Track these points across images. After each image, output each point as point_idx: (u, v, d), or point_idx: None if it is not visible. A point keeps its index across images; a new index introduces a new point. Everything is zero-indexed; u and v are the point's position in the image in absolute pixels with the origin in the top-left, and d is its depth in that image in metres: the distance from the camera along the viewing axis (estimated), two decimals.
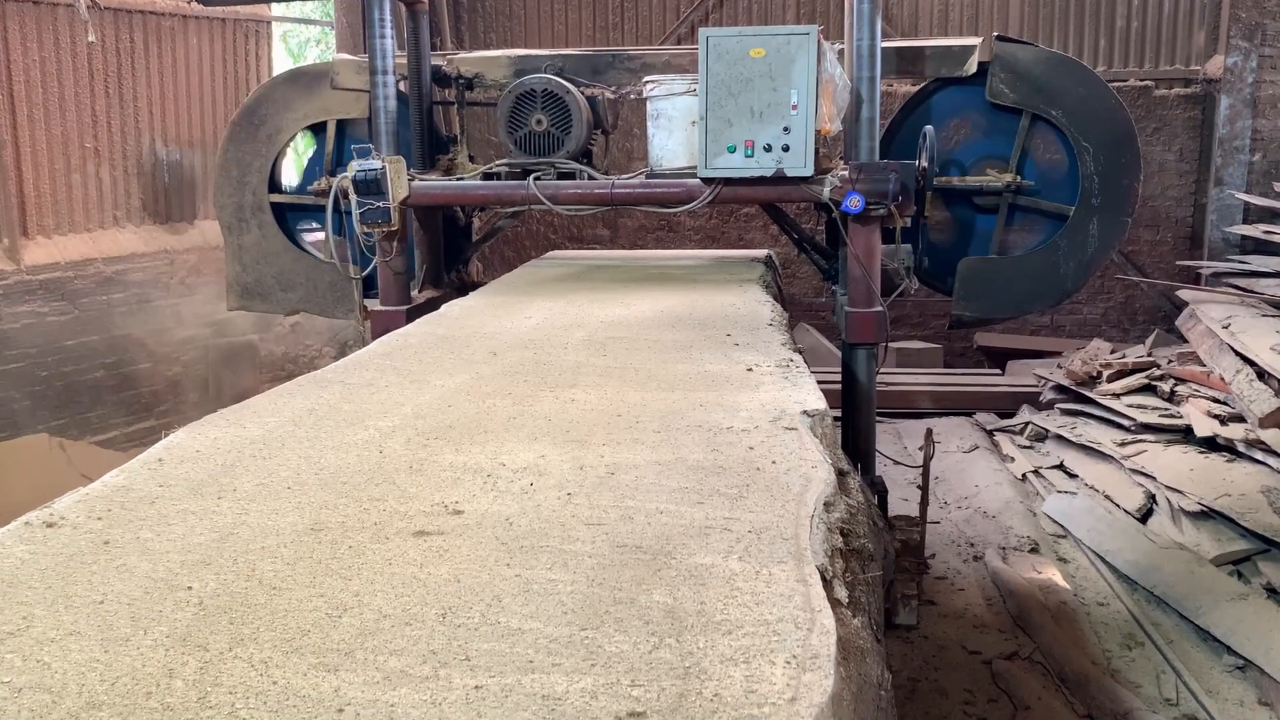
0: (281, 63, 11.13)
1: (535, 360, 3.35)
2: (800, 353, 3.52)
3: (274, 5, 9.16)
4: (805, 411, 2.65)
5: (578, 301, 4.53)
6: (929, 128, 4.93)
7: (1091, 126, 5.11)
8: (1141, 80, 9.40)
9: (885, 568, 2.35)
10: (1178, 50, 9.48)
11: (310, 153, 6.19)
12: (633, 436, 2.50)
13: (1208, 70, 9.27)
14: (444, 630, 1.55)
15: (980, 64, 5.17)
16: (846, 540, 1.98)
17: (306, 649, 1.50)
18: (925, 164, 4.80)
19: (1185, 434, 6.35)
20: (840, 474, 2.28)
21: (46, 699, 1.37)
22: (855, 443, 4.72)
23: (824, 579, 1.72)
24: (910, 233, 4.92)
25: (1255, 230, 8.56)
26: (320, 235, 5.99)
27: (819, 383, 3.08)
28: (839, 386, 4.93)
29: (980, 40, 5.25)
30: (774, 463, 2.27)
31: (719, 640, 1.50)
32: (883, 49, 4.87)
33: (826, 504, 2.04)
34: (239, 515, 2.02)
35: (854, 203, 4.52)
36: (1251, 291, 7.55)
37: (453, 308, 4.45)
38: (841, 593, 1.74)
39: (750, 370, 3.15)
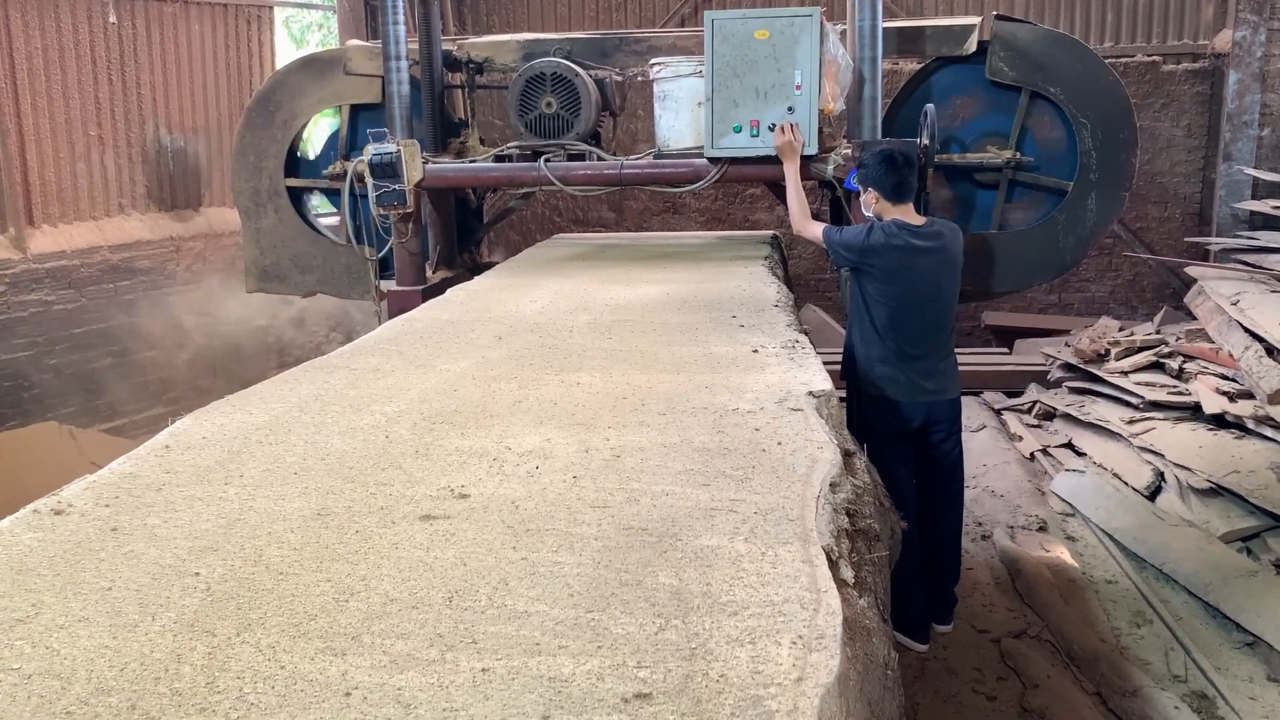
0: (284, 48, 11.10)
1: (541, 344, 3.35)
2: (806, 333, 3.52)
3: None
4: (811, 392, 2.65)
5: (583, 284, 4.53)
6: (930, 106, 4.94)
7: (1089, 102, 5.15)
8: (1149, 55, 9.33)
9: (891, 547, 2.35)
10: (1185, 24, 9.40)
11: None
12: (638, 419, 2.50)
13: (1216, 44, 9.19)
14: (451, 614, 1.55)
15: (980, 43, 5.20)
16: (852, 520, 1.98)
17: (313, 633, 1.50)
18: (926, 141, 4.82)
19: (1194, 411, 6.33)
20: (846, 454, 2.27)
21: (56, 685, 1.38)
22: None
23: (830, 559, 1.72)
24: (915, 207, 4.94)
25: (1264, 206, 8.51)
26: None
27: (825, 363, 3.07)
28: None
29: (980, 19, 5.28)
30: (779, 444, 2.27)
31: (725, 621, 1.50)
32: (884, 29, 4.89)
33: (832, 484, 2.03)
34: (246, 501, 2.02)
35: (856, 180, 4.55)
36: (1260, 268, 7.51)
37: (458, 292, 4.45)
38: (847, 573, 1.74)
39: (756, 352, 3.15)
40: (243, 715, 1.31)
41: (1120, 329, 7.89)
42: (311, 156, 6.22)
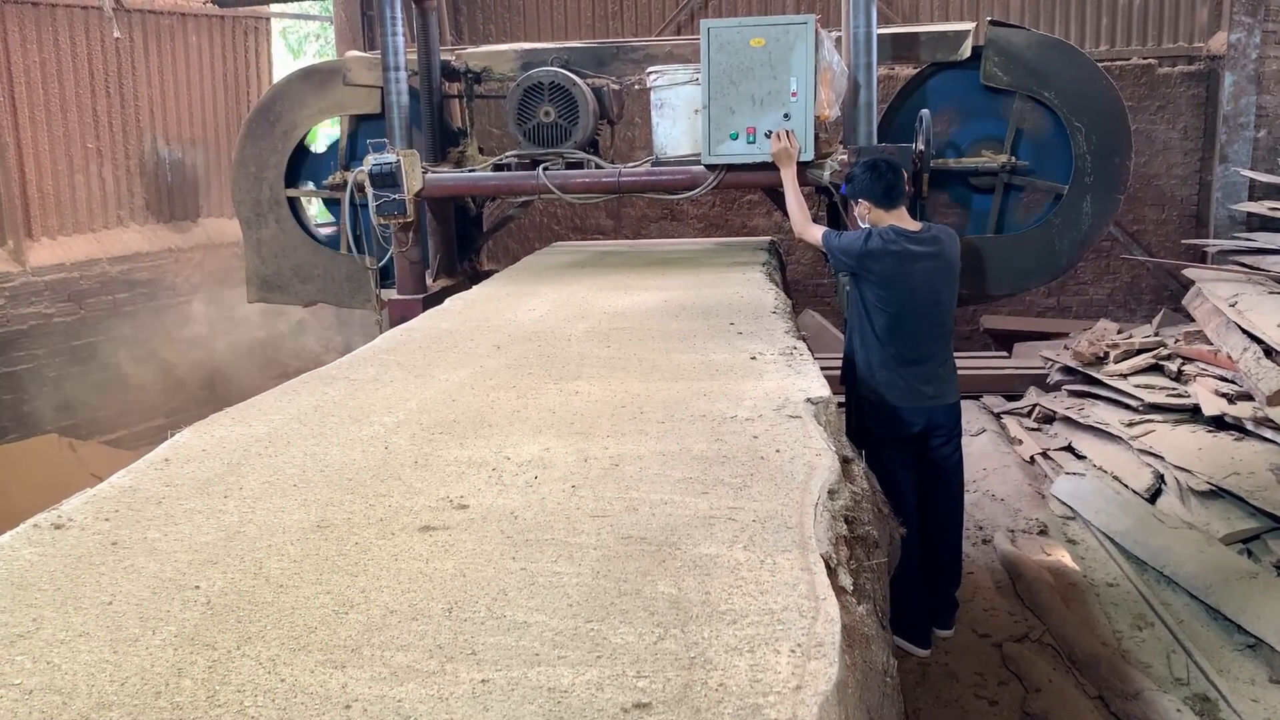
0: (281, 59, 11.13)
1: (539, 352, 3.36)
2: (804, 340, 3.53)
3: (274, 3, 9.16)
4: (809, 399, 2.65)
5: (581, 292, 4.53)
6: (925, 111, 4.96)
7: (1083, 106, 5.18)
8: (1144, 58, 9.34)
9: (890, 553, 2.36)
10: (1180, 27, 9.42)
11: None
12: (637, 427, 2.50)
13: (1211, 47, 9.21)
14: (450, 625, 1.56)
15: (974, 48, 5.23)
16: (851, 528, 1.99)
17: (314, 646, 1.51)
18: (922, 146, 4.84)
19: (1193, 413, 6.33)
20: (844, 461, 2.28)
21: (57, 700, 1.38)
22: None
23: (828, 567, 1.72)
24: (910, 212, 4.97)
25: (1261, 207, 8.52)
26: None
27: (824, 368, 3.08)
28: None
29: (974, 25, 5.31)
30: (778, 451, 2.27)
31: (724, 630, 1.50)
32: (879, 35, 4.92)
33: (830, 492, 2.04)
34: (245, 514, 2.03)
35: (848, 193, 4.56)
36: (1258, 269, 7.52)
37: (456, 301, 4.46)
38: (846, 580, 1.75)
39: (754, 359, 3.15)
40: None
41: (1119, 331, 7.90)
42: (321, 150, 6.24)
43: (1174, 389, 6.65)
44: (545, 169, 5.21)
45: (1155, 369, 7.01)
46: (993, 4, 9.44)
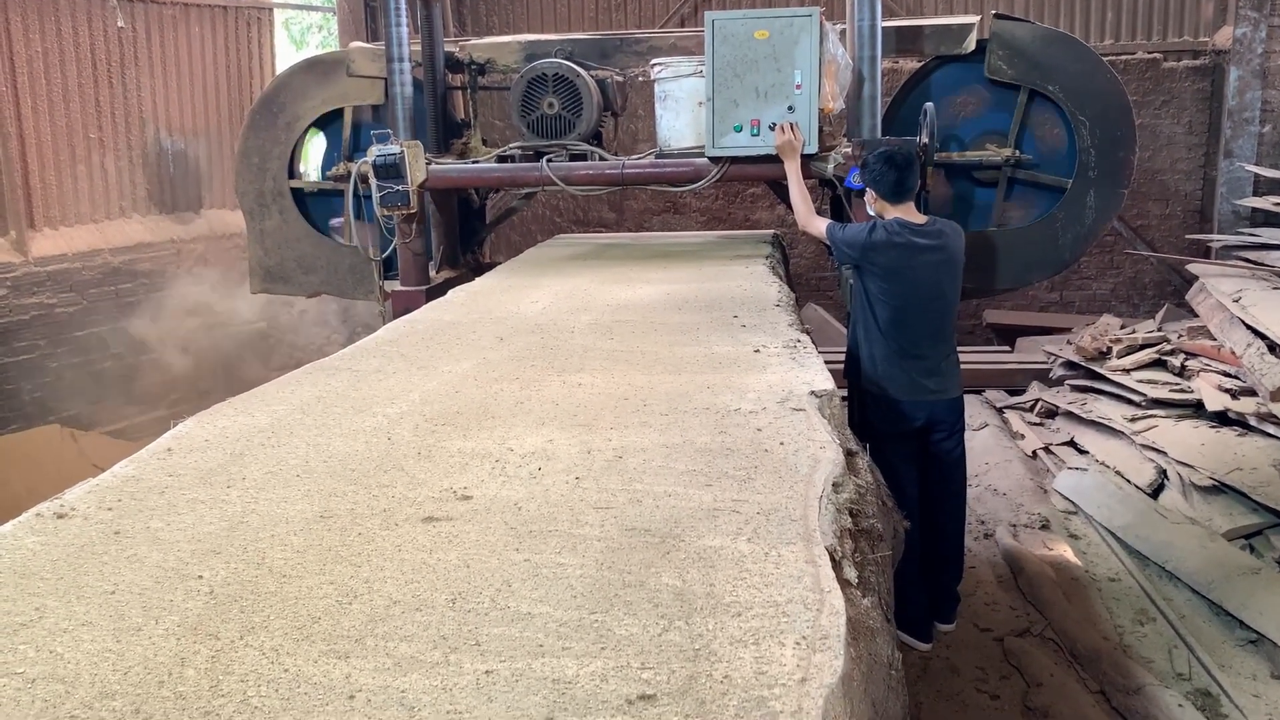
0: (284, 50, 11.11)
1: (542, 344, 3.35)
2: (808, 333, 3.52)
3: None
4: (813, 392, 2.65)
5: (584, 284, 4.53)
6: (929, 104, 4.95)
7: (1087, 100, 5.17)
8: (1149, 53, 9.32)
9: (894, 546, 2.35)
10: (1186, 22, 9.39)
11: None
12: (640, 419, 2.50)
13: (1216, 41, 9.18)
14: (454, 616, 1.55)
15: (979, 41, 5.21)
16: (855, 520, 1.98)
17: (317, 636, 1.50)
18: (926, 140, 4.83)
19: (1196, 409, 6.32)
20: (848, 454, 2.27)
21: (60, 689, 1.38)
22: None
23: (833, 560, 1.71)
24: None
25: (1265, 202, 8.49)
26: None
27: (827, 362, 3.07)
28: None
29: (978, 18, 5.29)
30: (782, 444, 2.27)
31: (728, 622, 1.50)
32: (883, 28, 4.91)
33: (835, 484, 2.03)
34: (248, 504, 2.02)
35: (857, 178, 4.55)
36: (1262, 264, 7.50)
37: (459, 292, 4.46)
38: (851, 573, 1.74)
39: (757, 352, 3.14)
40: (246, 719, 1.31)
41: (1122, 326, 7.89)
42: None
43: (1177, 384, 6.63)
44: (549, 161, 5.21)
45: (1158, 364, 7.00)
46: None
